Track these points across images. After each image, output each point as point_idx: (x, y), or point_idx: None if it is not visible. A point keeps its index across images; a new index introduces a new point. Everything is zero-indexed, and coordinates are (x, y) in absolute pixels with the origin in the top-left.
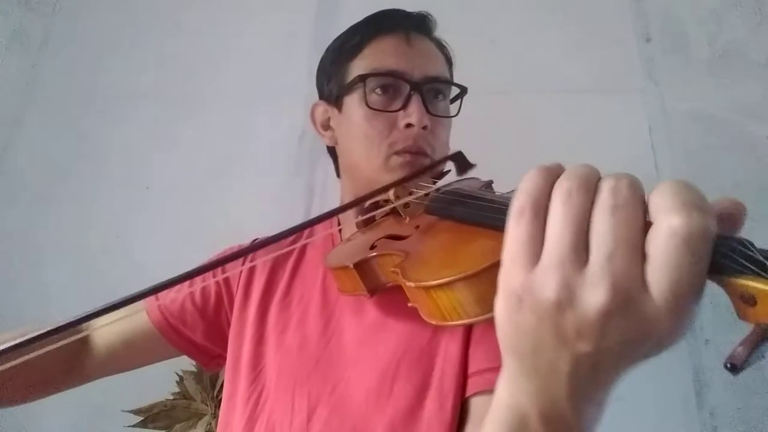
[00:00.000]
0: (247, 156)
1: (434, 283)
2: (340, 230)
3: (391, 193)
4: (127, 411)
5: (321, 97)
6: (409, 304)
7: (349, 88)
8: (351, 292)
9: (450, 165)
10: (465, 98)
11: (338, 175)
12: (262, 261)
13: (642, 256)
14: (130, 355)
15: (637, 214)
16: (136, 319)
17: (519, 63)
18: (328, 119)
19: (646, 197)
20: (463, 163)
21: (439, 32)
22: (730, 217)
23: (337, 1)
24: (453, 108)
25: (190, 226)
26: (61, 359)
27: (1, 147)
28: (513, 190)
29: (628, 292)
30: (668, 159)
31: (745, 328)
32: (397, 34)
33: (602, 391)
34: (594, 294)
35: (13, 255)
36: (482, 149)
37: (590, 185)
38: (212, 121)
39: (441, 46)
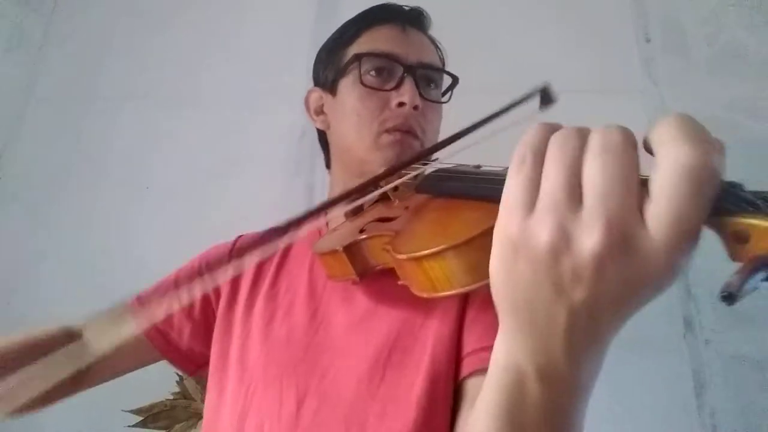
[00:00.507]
0: (247, 156)
1: (426, 252)
2: (326, 222)
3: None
4: (127, 411)
5: (316, 84)
6: (400, 282)
7: (344, 70)
8: (340, 277)
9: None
10: (465, 98)
11: (328, 167)
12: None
13: (639, 193)
14: (119, 362)
15: (629, 152)
16: None
17: (519, 63)
18: (322, 105)
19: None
20: (547, 96)
21: (440, 32)
22: None
23: (336, 1)
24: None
25: (190, 226)
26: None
27: (0, 147)
28: (505, 167)
29: (624, 229)
30: None
31: (745, 328)
32: (393, 24)
33: (600, 344)
34: (589, 235)
35: (13, 255)
36: (482, 148)
37: (584, 133)
38: (212, 121)
39: (435, 44)
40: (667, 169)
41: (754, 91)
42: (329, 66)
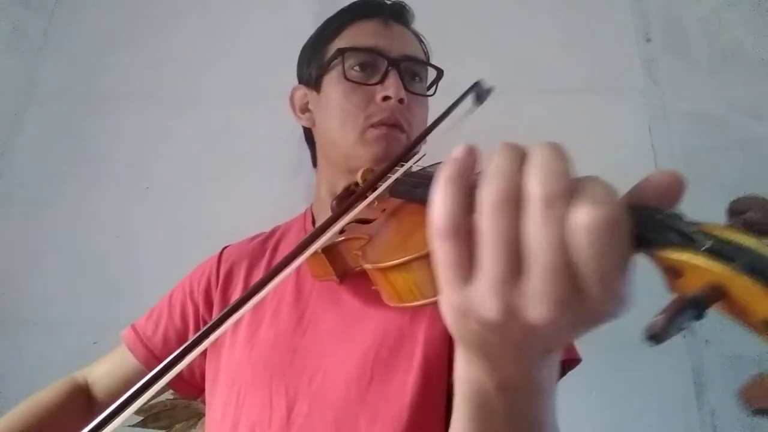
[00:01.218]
0: (247, 156)
1: (388, 264)
2: (313, 222)
3: (359, 177)
4: None
5: (300, 81)
6: (373, 288)
7: (327, 66)
8: (323, 277)
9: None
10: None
11: (314, 164)
12: (238, 266)
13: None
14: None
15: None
16: (125, 360)
17: (519, 63)
18: (307, 103)
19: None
20: (481, 91)
21: (439, 32)
22: (666, 191)
23: (336, 1)
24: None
25: (190, 226)
26: (74, 421)
27: (1, 147)
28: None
29: (568, 299)
30: (668, 159)
31: (745, 328)
32: (376, 18)
33: (551, 358)
34: (537, 310)
35: (13, 255)
36: (482, 149)
37: (513, 190)
38: (212, 121)
39: (418, 37)
40: (580, 238)
41: (755, 90)
42: (312, 62)
